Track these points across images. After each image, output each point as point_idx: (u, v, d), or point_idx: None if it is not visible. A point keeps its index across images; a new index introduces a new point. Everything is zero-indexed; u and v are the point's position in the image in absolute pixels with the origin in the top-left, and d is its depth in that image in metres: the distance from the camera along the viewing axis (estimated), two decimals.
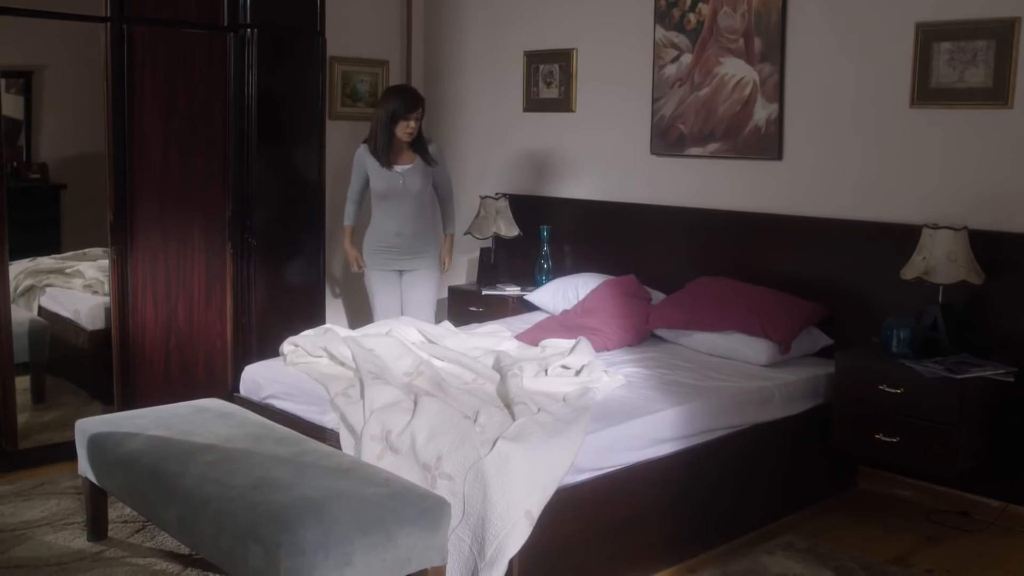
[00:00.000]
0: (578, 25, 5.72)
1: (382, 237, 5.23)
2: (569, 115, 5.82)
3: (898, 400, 4.03)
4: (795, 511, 4.29)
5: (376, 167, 5.12)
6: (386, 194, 5.14)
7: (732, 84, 5.05)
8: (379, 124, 5.06)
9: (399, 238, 5.20)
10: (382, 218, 5.23)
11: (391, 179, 5.12)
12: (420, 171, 5.17)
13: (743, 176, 5.05)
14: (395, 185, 5.12)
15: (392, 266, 5.26)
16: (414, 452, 3.32)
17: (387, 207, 5.19)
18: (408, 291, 5.32)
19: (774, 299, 4.58)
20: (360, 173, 5.24)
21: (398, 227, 5.19)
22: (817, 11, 4.75)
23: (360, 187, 5.28)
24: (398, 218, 5.18)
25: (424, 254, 5.28)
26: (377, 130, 5.08)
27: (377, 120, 5.08)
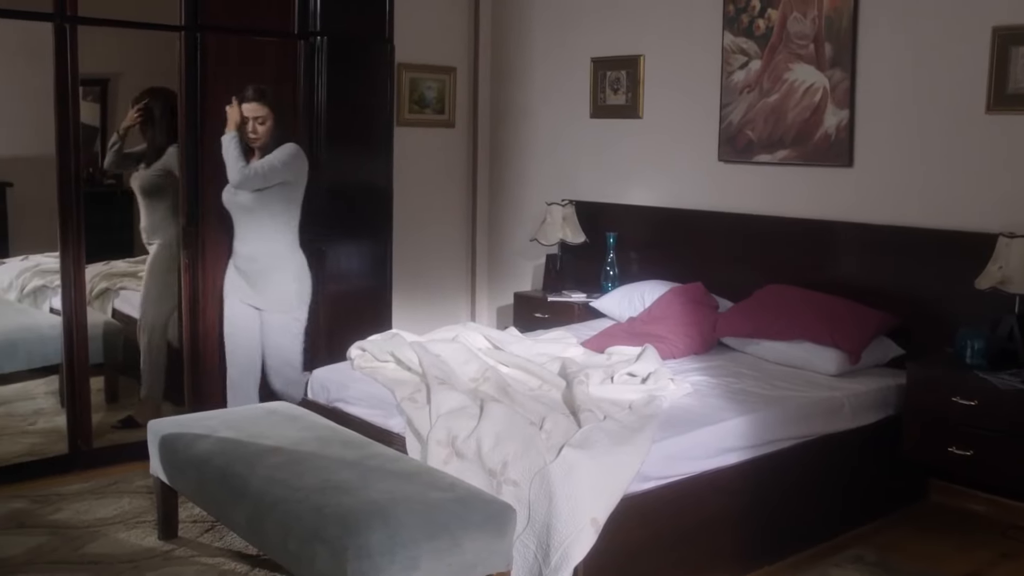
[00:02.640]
0: (645, 31, 5.69)
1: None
2: (636, 121, 5.79)
3: (972, 412, 3.95)
4: (864, 524, 4.21)
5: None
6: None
7: (802, 90, 4.99)
8: None
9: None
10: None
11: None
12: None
13: (812, 183, 4.99)
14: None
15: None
16: (480, 458, 3.33)
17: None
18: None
19: (844, 308, 4.52)
20: None
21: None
22: (890, 16, 4.67)
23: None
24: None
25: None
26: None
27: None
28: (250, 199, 4.60)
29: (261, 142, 4.60)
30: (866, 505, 4.25)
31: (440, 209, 6.60)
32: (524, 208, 6.45)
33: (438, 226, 6.59)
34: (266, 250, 4.66)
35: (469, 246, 6.75)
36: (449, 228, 6.67)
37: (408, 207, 6.00)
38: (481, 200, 6.71)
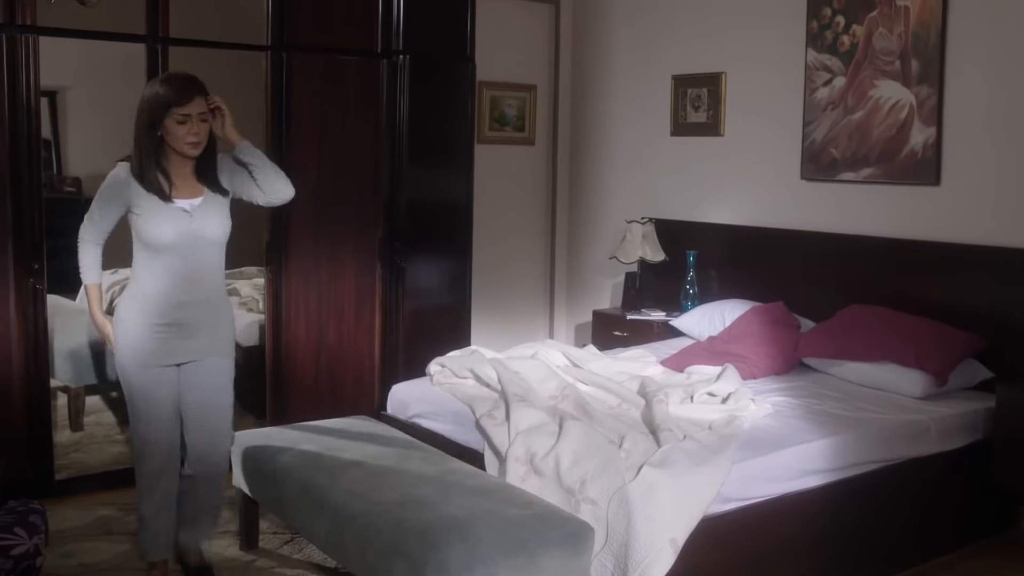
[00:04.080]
0: (727, 49, 5.66)
1: (162, 314, 3.42)
2: (717, 139, 5.75)
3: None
4: (950, 551, 4.11)
5: (145, 199, 3.37)
6: (171, 244, 3.39)
7: (887, 107, 4.91)
8: (140, 131, 3.37)
9: (185, 312, 3.45)
10: (159, 283, 3.42)
11: (176, 218, 3.39)
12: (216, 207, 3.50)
13: (898, 202, 4.90)
14: (182, 231, 3.39)
15: (169, 357, 3.46)
16: (558, 475, 3.32)
17: (171, 267, 3.42)
18: (193, 389, 3.54)
19: (929, 329, 4.42)
20: (115, 204, 3.43)
21: (186, 297, 3.44)
22: (980, 31, 4.58)
23: (111, 225, 3.49)
24: (185, 285, 3.44)
25: (218, 332, 3.57)
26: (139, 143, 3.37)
27: (137, 126, 3.38)
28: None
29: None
30: (952, 532, 4.15)
31: (519, 226, 6.63)
32: (603, 226, 6.44)
33: (517, 243, 6.61)
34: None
35: (548, 263, 6.76)
36: (528, 245, 6.69)
37: (488, 224, 6.03)
38: (560, 218, 6.72)
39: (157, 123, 3.30)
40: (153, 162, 3.35)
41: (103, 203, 3.44)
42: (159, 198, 3.36)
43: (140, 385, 3.45)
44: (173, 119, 3.30)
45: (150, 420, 3.47)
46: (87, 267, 3.51)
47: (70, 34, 4.36)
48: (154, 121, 3.30)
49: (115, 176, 3.42)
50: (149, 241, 3.37)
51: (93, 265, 3.51)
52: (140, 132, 3.34)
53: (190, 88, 3.34)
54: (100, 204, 3.44)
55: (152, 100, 3.31)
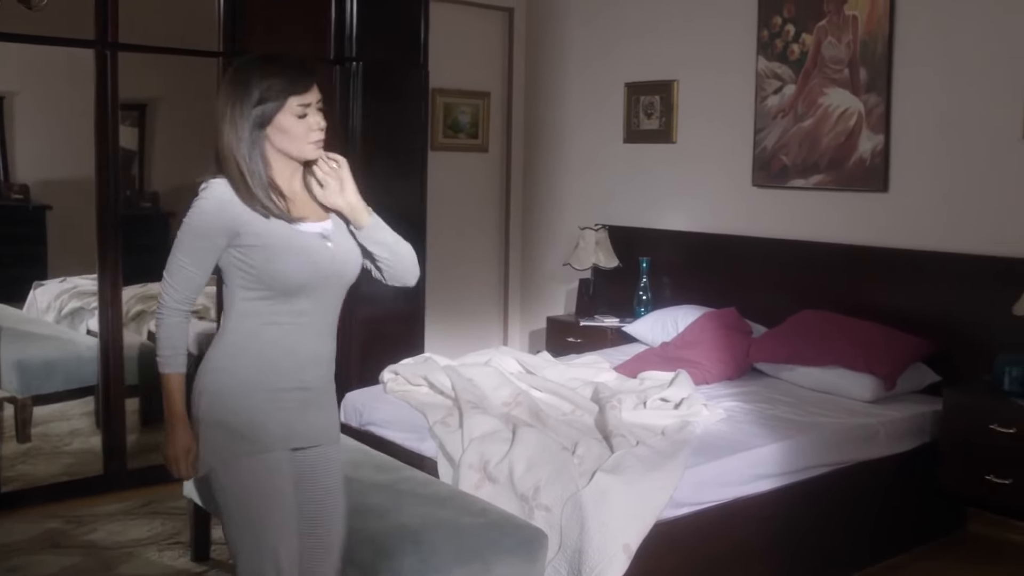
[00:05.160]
0: (679, 56, 5.70)
1: (284, 378, 2.50)
2: (670, 146, 5.79)
3: (1010, 440, 3.90)
4: (900, 553, 4.16)
5: (261, 225, 2.44)
6: (303, 284, 2.47)
7: (836, 115, 4.97)
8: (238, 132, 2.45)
9: (313, 373, 2.56)
10: (282, 338, 2.49)
11: (310, 247, 2.49)
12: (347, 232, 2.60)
13: (847, 208, 4.96)
14: (320, 264, 2.49)
15: (289, 438, 2.52)
16: (512, 482, 3.32)
17: (300, 316, 2.50)
18: (309, 487, 2.59)
19: (879, 334, 4.48)
20: (217, 239, 2.43)
21: (316, 352, 2.56)
22: (926, 41, 4.65)
23: (207, 275, 2.47)
24: (317, 336, 2.56)
25: (332, 406, 2.69)
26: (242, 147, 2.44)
27: (234, 125, 2.44)
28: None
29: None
30: (901, 535, 4.20)
31: (474, 233, 6.63)
32: (557, 232, 6.46)
33: (471, 250, 6.61)
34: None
35: (502, 270, 6.76)
36: (482, 252, 6.69)
37: (442, 231, 6.02)
38: (514, 224, 6.72)
39: (267, 120, 2.44)
40: (264, 173, 2.46)
41: (197, 244, 2.41)
42: (284, 221, 2.44)
43: (253, 479, 2.44)
44: (290, 112, 2.44)
45: (271, 528, 2.45)
46: (175, 349, 2.45)
47: (16, 39, 4.30)
48: (264, 118, 2.44)
49: (210, 202, 2.41)
50: (274, 281, 2.42)
51: (182, 346, 2.47)
52: (240, 133, 2.43)
53: (309, 69, 2.51)
54: (192, 247, 2.41)
55: (258, 91, 2.43)
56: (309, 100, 2.46)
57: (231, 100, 2.44)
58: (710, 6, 5.54)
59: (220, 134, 2.45)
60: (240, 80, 2.45)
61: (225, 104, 2.45)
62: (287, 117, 2.44)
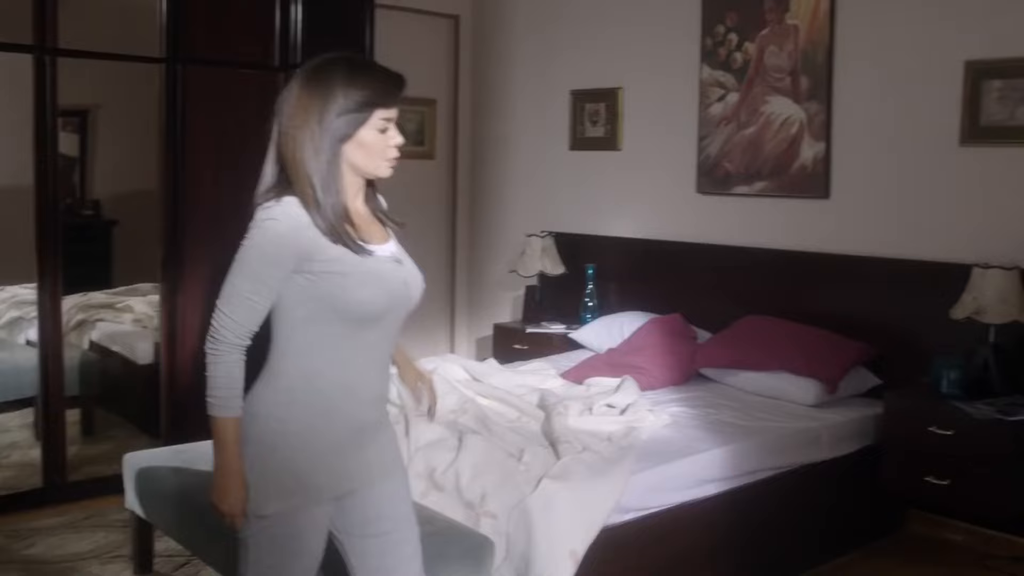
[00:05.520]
0: (624, 64, 5.74)
1: (346, 420, 2.27)
2: (615, 153, 5.83)
3: (949, 442, 3.96)
4: (843, 554, 4.22)
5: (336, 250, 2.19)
6: (379, 314, 2.25)
7: (779, 123, 5.04)
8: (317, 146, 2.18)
9: (375, 408, 2.35)
10: (347, 376, 2.25)
11: (384, 273, 2.29)
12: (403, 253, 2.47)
13: (790, 215, 5.02)
14: (394, 291, 2.30)
15: (340, 483, 2.29)
16: (458, 490, 3.31)
17: (367, 349, 2.28)
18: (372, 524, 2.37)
19: (821, 338, 4.54)
20: (288, 265, 2.17)
21: (377, 388, 2.34)
22: (865, 50, 4.73)
23: (269, 307, 2.20)
24: (379, 369, 2.34)
25: (389, 437, 2.44)
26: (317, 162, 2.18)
27: (311, 136, 2.17)
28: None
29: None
30: (845, 536, 4.25)
31: (419, 241, 6.55)
32: (504, 240, 6.47)
33: (417, 258, 6.45)
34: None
35: (449, 278, 6.76)
36: (429, 260, 6.67)
37: None
38: (461, 232, 6.72)
39: (351, 133, 2.19)
40: (340, 193, 2.21)
41: (265, 272, 2.16)
42: (355, 247, 2.21)
43: (290, 533, 2.23)
44: (373, 126, 2.21)
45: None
46: (231, 390, 2.17)
47: None
48: (347, 131, 2.19)
49: (283, 223, 2.14)
50: (348, 311, 2.19)
51: (239, 387, 2.18)
52: (319, 145, 2.17)
53: (400, 80, 2.29)
54: (259, 275, 2.16)
55: (343, 99, 2.17)
56: (393, 114, 2.25)
57: (309, 108, 2.16)
58: (654, 15, 5.59)
59: (291, 145, 2.17)
60: (321, 86, 2.17)
61: (300, 111, 2.17)
62: (370, 131, 2.20)
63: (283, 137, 2.19)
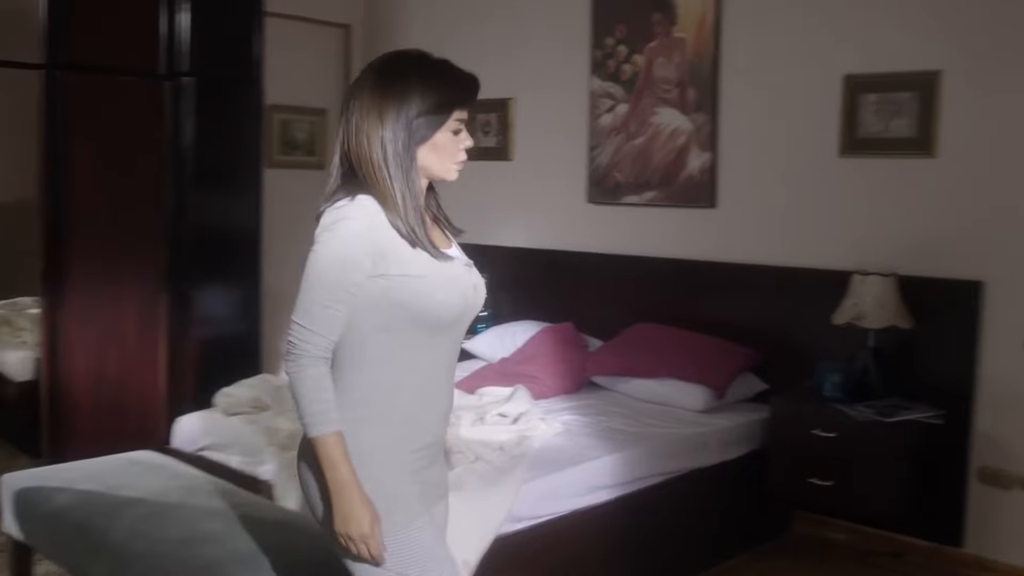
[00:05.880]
0: (516, 75, 5.78)
1: (421, 434, 2.18)
2: (507, 163, 5.86)
3: (832, 444, 4.07)
4: (732, 556, 4.30)
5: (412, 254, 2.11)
6: (455, 319, 2.17)
7: (667, 133, 5.12)
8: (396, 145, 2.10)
9: (444, 424, 2.27)
10: (421, 386, 2.16)
11: (458, 277, 2.19)
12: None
13: (678, 224, 5.11)
14: (467, 296, 2.20)
15: (425, 498, 2.22)
16: None
17: (439, 358, 2.19)
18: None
19: (709, 345, 4.63)
20: (366, 266, 2.06)
21: (447, 400, 2.25)
22: (749, 63, 4.85)
23: (349, 313, 2.07)
24: (448, 380, 2.25)
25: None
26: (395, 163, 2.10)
27: (390, 137, 2.09)
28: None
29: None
30: (735, 539, 4.34)
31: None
32: None
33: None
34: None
35: None
36: None
37: (280, 250, 5.91)
38: None
39: (428, 135, 2.12)
40: (419, 195, 2.15)
41: (345, 277, 2.04)
42: (434, 251, 2.13)
43: (411, 551, 2.12)
44: (448, 128, 2.14)
45: None
46: (326, 403, 2.04)
47: None
48: (424, 132, 2.11)
49: (358, 222, 2.05)
50: (426, 318, 2.09)
51: (332, 398, 2.05)
52: (397, 147, 2.09)
53: (475, 81, 2.22)
54: (339, 282, 2.04)
55: (420, 100, 2.09)
56: (465, 115, 2.17)
57: (385, 107, 2.07)
58: (545, 26, 5.64)
59: (365, 146, 2.08)
60: (397, 85, 2.09)
61: (375, 111, 2.07)
62: (445, 133, 2.13)
63: (355, 137, 2.09)
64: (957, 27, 4.24)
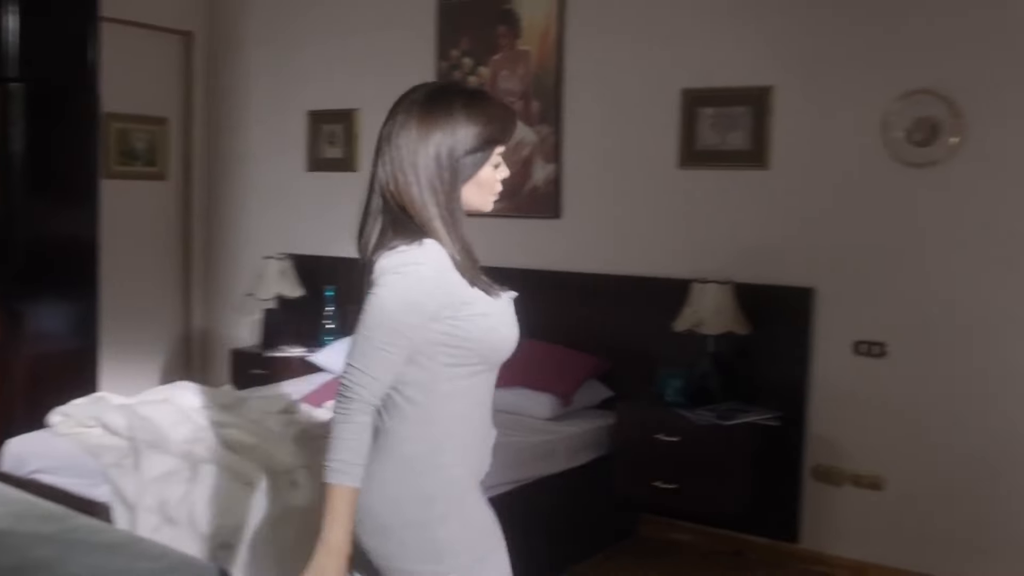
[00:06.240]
0: (361, 86, 5.74)
1: (483, 466, 2.21)
2: (353, 175, 5.81)
3: (674, 448, 4.19)
4: (582, 561, 4.37)
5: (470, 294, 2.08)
6: (511, 352, 2.19)
7: (511, 145, 5.16)
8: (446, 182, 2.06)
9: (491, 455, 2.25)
10: (483, 419, 2.18)
11: (510, 312, 2.22)
12: None
13: (524, 234, 5.17)
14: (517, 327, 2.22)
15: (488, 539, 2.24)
16: (193, 523, 3.21)
17: (483, 401, 2.17)
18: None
19: (556, 353, 4.69)
20: (431, 312, 2.02)
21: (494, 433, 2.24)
22: (591, 76, 4.95)
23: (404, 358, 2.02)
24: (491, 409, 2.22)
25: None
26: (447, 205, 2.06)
27: (438, 176, 2.05)
28: None
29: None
30: (584, 543, 4.41)
31: (153, 265, 6.36)
32: (241, 263, 6.32)
33: (151, 282, 6.34)
34: None
35: (184, 302, 6.53)
36: (163, 284, 6.43)
37: (119, 263, 5.74)
38: (196, 255, 6.52)
39: (474, 172, 2.08)
40: (466, 235, 2.11)
41: (407, 321, 1.98)
42: (489, 288, 2.13)
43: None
44: (491, 163, 2.10)
45: None
46: (358, 455, 1.99)
47: None
48: (471, 169, 2.08)
49: (430, 268, 2.01)
50: (492, 352, 2.11)
51: (365, 452, 2.00)
52: (446, 188, 2.05)
53: (513, 112, 2.22)
54: (401, 326, 1.98)
55: (467, 136, 2.04)
56: (505, 148, 2.13)
57: (431, 145, 2.03)
58: (391, 38, 5.62)
59: (412, 184, 2.03)
60: (442, 121, 2.04)
61: (422, 149, 2.04)
62: (488, 168, 2.09)
63: (398, 175, 2.05)
64: (787, 46, 4.44)
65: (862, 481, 4.32)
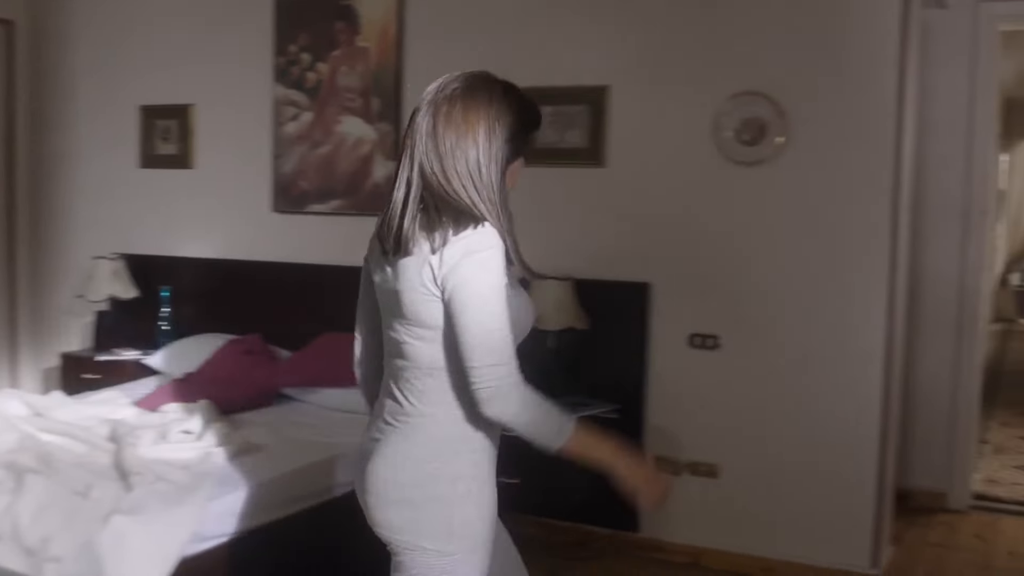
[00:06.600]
0: (196, 81, 5.60)
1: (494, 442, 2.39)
2: (188, 172, 5.66)
3: (516, 442, 4.18)
4: None
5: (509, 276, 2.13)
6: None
7: (352, 142, 5.14)
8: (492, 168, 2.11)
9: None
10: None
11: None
12: None
13: (365, 232, 4.98)
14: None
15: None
16: (17, 536, 3.06)
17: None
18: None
19: None
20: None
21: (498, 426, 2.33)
22: (431, 74, 4.84)
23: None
24: None
25: None
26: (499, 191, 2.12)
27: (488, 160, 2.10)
28: None
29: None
30: None
31: None
32: (70, 263, 6.07)
33: None
34: None
35: (8, 306, 6.22)
36: None
37: None
38: (21, 256, 6.22)
39: (511, 160, 2.14)
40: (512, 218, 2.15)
41: (502, 301, 2.05)
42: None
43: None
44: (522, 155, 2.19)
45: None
46: (554, 410, 2.20)
47: None
48: (510, 157, 2.13)
49: (499, 250, 2.06)
50: (521, 333, 2.19)
51: (548, 402, 2.20)
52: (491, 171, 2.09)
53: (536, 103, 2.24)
54: (500, 307, 2.04)
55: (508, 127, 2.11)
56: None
57: (479, 130, 2.08)
58: (226, 32, 5.50)
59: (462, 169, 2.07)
60: (487, 107, 2.10)
61: (470, 134, 2.08)
62: (519, 160, 2.17)
63: (446, 164, 2.06)
64: (623, 46, 4.54)
65: (699, 469, 4.46)
